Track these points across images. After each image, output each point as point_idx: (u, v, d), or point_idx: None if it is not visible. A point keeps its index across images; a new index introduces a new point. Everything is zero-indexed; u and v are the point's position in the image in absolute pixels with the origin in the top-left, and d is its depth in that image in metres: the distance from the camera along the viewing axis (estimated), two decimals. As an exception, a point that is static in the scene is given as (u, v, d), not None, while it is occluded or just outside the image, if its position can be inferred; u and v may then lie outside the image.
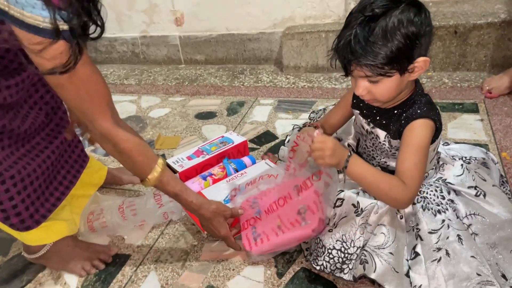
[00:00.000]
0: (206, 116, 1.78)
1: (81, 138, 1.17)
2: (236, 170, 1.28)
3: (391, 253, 0.85)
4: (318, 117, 1.34)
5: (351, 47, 0.77)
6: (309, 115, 1.43)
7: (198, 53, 2.33)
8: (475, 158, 0.99)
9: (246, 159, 1.33)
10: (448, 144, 1.08)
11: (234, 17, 2.15)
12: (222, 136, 1.43)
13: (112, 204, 1.18)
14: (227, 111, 1.79)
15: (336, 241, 0.90)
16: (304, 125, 1.22)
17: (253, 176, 1.19)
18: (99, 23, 0.73)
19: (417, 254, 0.85)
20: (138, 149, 0.92)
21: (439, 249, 0.84)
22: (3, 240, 1.20)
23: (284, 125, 1.61)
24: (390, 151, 0.95)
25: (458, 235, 0.85)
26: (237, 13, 2.13)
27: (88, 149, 1.59)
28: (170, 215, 1.16)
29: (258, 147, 1.50)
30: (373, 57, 0.76)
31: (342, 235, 0.90)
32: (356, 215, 0.91)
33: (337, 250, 0.89)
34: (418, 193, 0.91)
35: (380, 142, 0.96)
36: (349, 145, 1.13)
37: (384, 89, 0.82)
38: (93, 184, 1.25)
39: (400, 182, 0.83)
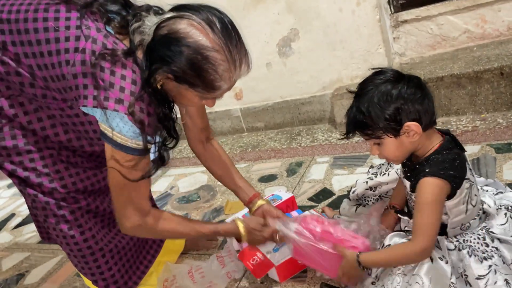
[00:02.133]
0: (268, 179, 1.94)
1: None
2: None
3: None
4: (379, 172, 1.40)
5: (348, 117, 0.97)
6: (368, 171, 1.45)
7: (258, 121, 2.56)
8: None
9: (294, 213, 1.47)
10: (502, 193, 1.10)
11: (286, 85, 2.37)
12: (273, 194, 1.58)
13: (182, 270, 1.34)
14: (287, 172, 1.94)
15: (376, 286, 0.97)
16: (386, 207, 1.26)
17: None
18: (175, 136, 0.96)
19: None
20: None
21: None
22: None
23: (340, 181, 1.72)
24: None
25: (505, 280, 0.88)
26: (288, 82, 2.35)
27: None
28: (232, 274, 1.31)
29: (317, 204, 1.61)
30: (361, 125, 0.95)
31: (382, 286, 0.97)
32: (394, 266, 0.98)
33: None
34: (463, 241, 0.97)
35: (408, 193, 1.04)
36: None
37: (387, 150, 0.96)
38: (174, 251, 1.45)
39: (407, 244, 0.97)
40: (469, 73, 1.82)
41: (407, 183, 1.02)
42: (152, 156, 0.99)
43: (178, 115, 1.02)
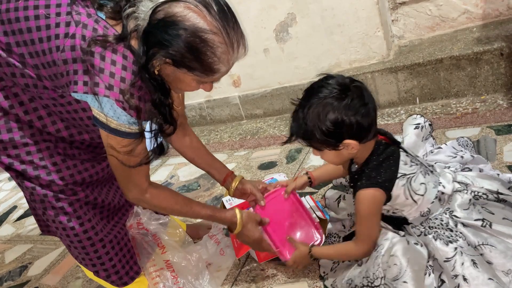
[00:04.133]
0: (268, 166, 1.94)
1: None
2: None
3: (405, 281, 0.91)
4: None
5: (291, 124, 0.98)
6: None
7: (256, 108, 2.54)
8: (486, 195, 1.01)
9: (280, 175, 1.54)
10: (470, 169, 1.13)
11: (284, 71, 2.35)
12: (271, 178, 1.59)
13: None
14: (286, 159, 1.94)
15: (363, 278, 1.00)
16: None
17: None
18: (172, 122, 0.95)
19: (442, 282, 0.92)
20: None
21: (456, 275, 0.89)
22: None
23: (340, 167, 1.71)
24: None
25: (472, 260, 0.89)
26: (286, 67, 2.33)
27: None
28: (225, 250, 1.37)
29: (316, 190, 1.61)
30: (303, 135, 0.97)
31: (366, 272, 1.00)
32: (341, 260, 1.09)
33: (365, 286, 0.99)
34: (428, 228, 1.00)
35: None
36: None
37: (326, 157, 1.01)
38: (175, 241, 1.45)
39: (351, 244, 1.06)
40: (469, 54, 1.80)
41: (351, 190, 1.08)
42: (148, 144, 0.99)
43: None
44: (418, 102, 1.99)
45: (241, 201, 1.54)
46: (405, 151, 1.02)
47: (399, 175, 0.97)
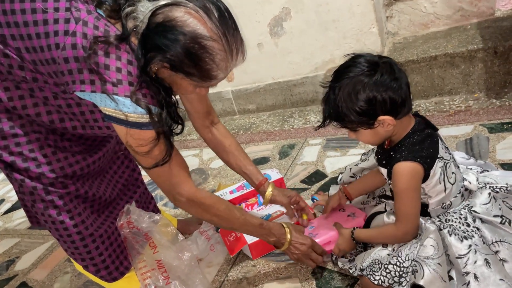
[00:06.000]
0: (260, 161, 1.93)
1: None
2: None
3: (439, 263, 0.90)
4: (368, 156, 1.41)
5: (324, 107, 0.96)
6: (361, 157, 1.46)
7: (249, 103, 2.52)
8: (507, 187, 1.00)
9: None
10: (487, 171, 1.10)
11: (278, 66, 2.33)
12: (265, 173, 1.58)
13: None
14: (279, 155, 1.93)
15: (392, 256, 0.97)
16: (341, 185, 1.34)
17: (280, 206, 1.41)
18: (179, 121, 0.94)
19: (451, 278, 0.91)
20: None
21: (467, 273, 0.88)
22: (96, 290, 1.41)
23: (333, 163, 1.70)
24: None
25: (485, 259, 0.89)
26: (280, 62, 2.31)
27: (159, 204, 1.80)
28: (215, 246, 1.36)
29: (309, 187, 1.60)
30: (336, 117, 0.94)
31: (398, 251, 0.97)
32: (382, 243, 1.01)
33: (393, 264, 0.96)
34: (444, 221, 0.98)
35: (386, 179, 1.05)
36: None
37: (363, 138, 0.98)
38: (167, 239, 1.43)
39: (390, 226, 1.01)
40: (463, 52, 1.80)
41: (384, 171, 1.03)
42: None
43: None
44: (411, 99, 1.99)
45: (233, 197, 1.53)
46: (440, 138, 1.01)
47: (438, 156, 0.96)
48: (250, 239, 1.28)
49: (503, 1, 1.38)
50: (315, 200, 1.42)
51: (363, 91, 0.90)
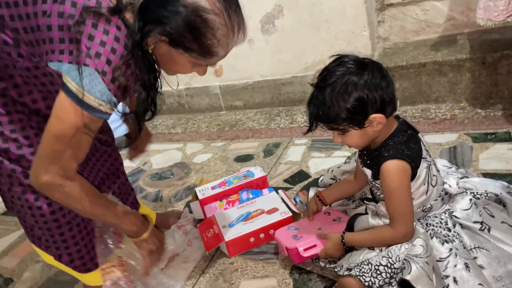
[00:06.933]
0: (245, 158, 1.90)
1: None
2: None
3: (427, 262, 0.89)
4: (350, 159, 1.40)
5: (310, 110, 0.94)
6: (345, 161, 1.47)
7: (237, 99, 2.50)
8: (487, 194, 1.01)
9: (265, 191, 1.50)
10: (468, 178, 1.11)
11: (268, 64, 2.31)
12: (248, 170, 1.57)
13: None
14: (264, 153, 1.91)
15: (382, 257, 0.95)
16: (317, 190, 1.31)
17: (262, 204, 1.40)
18: (153, 108, 0.91)
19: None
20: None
21: (447, 276, 0.88)
22: (67, 283, 1.37)
23: (317, 164, 1.69)
24: (380, 189, 1.01)
25: (465, 264, 0.89)
26: (270, 60, 2.29)
27: (138, 196, 1.75)
28: (193, 241, 1.33)
29: (292, 186, 1.59)
30: (326, 118, 0.92)
31: (388, 251, 0.95)
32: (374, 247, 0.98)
33: (384, 266, 0.94)
34: (426, 225, 0.98)
35: (370, 181, 1.04)
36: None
37: (351, 139, 0.96)
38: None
39: (386, 228, 0.98)
40: (451, 60, 1.81)
41: (368, 172, 1.02)
42: (122, 130, 0.94)
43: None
44: (398, 105, 1.99)
45: (214, 192, 1.50)
46: (422, 140, 1.00)
47: (423, 156, 0.95)
48: (227, 236, 1.26)
49: (495, 12, 1.38)
50: (297, 200, 1.41)
51: (355, 90, 0.89)
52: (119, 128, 1.50)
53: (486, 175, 1.35)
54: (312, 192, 1.38)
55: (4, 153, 0.97)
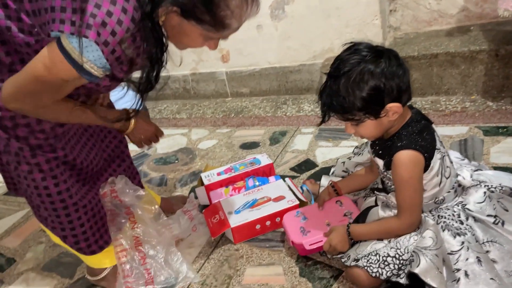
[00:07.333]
0: (250, 146, 1.88)
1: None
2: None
3: (436, 255, 0.87)
4: (362, 151, 1.38)
5: (323, 101, 0.90)
6: (353, 150, 1.44)
7: (243, 86, 2.47)
8: (502, 187, 0.99)
9: (271, 178, 1.49)
10: (481, 170, 1.09)
11: (276, 51, 2.28)
12: (254, 157, 1.55)
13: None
14: (270, 141, 1.89)
15: (391, 248, 0.94)
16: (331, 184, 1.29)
17: (268, 192, 1.38)
18: (155, 82, 0.88)
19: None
20: None
21: (458, 270, 0.87)
22: (69, 264, 1.36)
23: (324, 153, 1.67)
24: (391, 180, 0.99)
25: (477, 257, 0.87)
26: (278, 47, 2.26)
27: (143, 180, 1.74)
28: (198, 227, 1.33)
29: (299, 175, 1.57)
30: (340, 109, 0.89)
31: (396, 243, 0.94)
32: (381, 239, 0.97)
33: (392, 257, 0.93)
34: (438, 217, 0.96)
35: (381, 171, 1.01)
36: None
37: (366, 130, 0.93)
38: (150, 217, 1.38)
39: (393, 219, 0.97)
40: (464, 52, 1.77)
41: (380, 162, 1.00)
42: (130, 101, 0.92)
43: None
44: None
45: (220, 178, 1.49)
46: (435, 131, 0.99)
47: (437, 147, 0.93)
48: (233, 222, 1.25)
49: (510, 1, 1.34)
50: (304, 189, 1.39)
51: (371, 79, 0.86)
52: (120, 100, 1.47)
53: (497, 169, 1.32)
54: (325, 181, 1.35)
55: (12, 131, 0.95)
